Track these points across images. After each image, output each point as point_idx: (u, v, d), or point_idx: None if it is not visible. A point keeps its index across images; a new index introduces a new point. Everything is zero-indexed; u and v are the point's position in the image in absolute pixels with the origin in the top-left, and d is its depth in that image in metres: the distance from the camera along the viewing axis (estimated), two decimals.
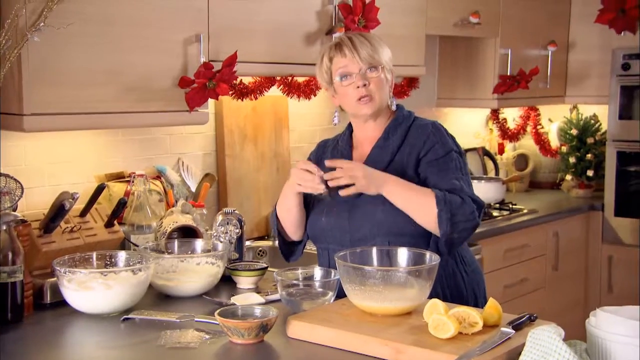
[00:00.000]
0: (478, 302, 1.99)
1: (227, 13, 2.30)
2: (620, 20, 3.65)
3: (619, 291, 3.72)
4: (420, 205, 1.84)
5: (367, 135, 2.03)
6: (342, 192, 1.85)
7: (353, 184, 1.84)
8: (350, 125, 2.10)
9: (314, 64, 2.60)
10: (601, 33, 3.83)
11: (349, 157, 2.03)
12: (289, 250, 2.13)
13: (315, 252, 2.16)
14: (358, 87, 1.94)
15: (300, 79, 2.78)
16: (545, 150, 4.12)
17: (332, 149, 2.09)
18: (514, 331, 1.50)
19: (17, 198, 1.75)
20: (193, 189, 2.58)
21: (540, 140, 4.11)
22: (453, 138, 2.00)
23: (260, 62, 2.44)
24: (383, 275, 1.68)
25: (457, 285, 1.96)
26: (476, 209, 1.87)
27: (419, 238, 1.89)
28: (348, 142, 2.07)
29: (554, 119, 4.23)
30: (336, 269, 1.77)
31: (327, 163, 1.88)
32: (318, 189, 1.85)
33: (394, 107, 2.03)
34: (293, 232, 2.06)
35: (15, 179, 1.74)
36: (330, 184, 1.84)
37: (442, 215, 1.81)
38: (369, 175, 1.83)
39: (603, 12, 3.70)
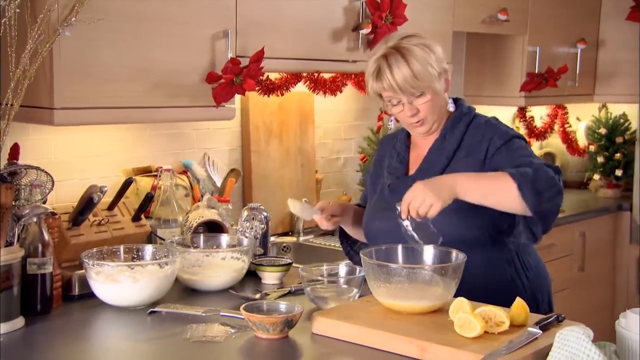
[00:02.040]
0: (540, 308, 1.89)
1: (254, 9, 2.30)
2: None
3: None
4: (498, 190, 1.70)
5: (424, 136, 1.94)
6: (430, 216, 1.68)
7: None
8: None
9: (340, 61, 2.62)
10: (632, 31, 3.78)
11: (406, 159, 1.97)
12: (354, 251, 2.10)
13: (341, 249, 2.16)
14: (407, 115, 1.86)
15: (327, 75, 2.78)
16: (572, 149, 4.08)
17: (392, 149, 2.02)
18: (541, 331, 1.49)
19: (47, 191, 1.77)
20: (218, 184, 2.60)
21: (568, 139, 4.06)
22: (510, 128, 1.90)
23: (286, 58, 2.44)
24: (408, 273, 1.67)
25: (516, 292, 1.80)
26: (554, 172, 1.73)
27: (473, 246, 1.78)
28: (405, 142, 1.99)
29: (582, 118, 4.18)
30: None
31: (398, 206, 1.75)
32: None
33: (451, 108, 1.92)
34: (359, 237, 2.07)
35: (46, 172, 1.76)
36: (413, 215, 1.70)
37: (523, 190, 1.66)
38: (432, 188, 1.68)
39: (634, 10, 3.65)
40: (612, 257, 3.79)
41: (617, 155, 3.90)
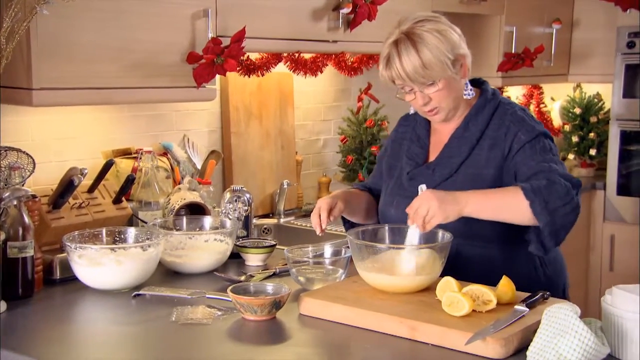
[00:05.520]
0: (559, 290, 1.87)
1: None
2: None
3: (621, 270, 3.74)
4: (510, 207, 1.66)
5: (442, 121, 1.87)
6: (425, 230, 1.65)
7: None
8: None
9: (320, 41, 2.60)
10: (606, 11, 3.81)
11: (426, 143, 1.90)
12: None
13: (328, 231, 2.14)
14: (420, 104, 1.80)
15: (307, 56, 2.76)
16: (547, 128, 4.11)
17: (411, 131, 1.95)
18: (527, 309, 1.51)
19: (28, 173, 1.73)
20: (199, 166, 2.57)
21: (543, 118, 4.09)
22: (538, 122, 1.83)
23: (267, 38, 2.41)
24: (396, 253, 1.67)
25: (533, 288, 1.67)
26: (571, 187, 1.67)
27: (493, 241, 1.76)
28: (425, 126, 1.92)
29: (557, 98, 4.22)
30: None
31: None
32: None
33: (469, 96, 1.83)
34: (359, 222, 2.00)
35: (27, 154, 1.73)
36: (424, 230, 1.66)
37: (535, 207, 1.62)
38: (439, 201, 1.62)
39: None
40: (586, 235, 3.85)
41: (591, 134, 3.95)
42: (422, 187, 1.68)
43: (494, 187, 1.76)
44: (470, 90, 1.84)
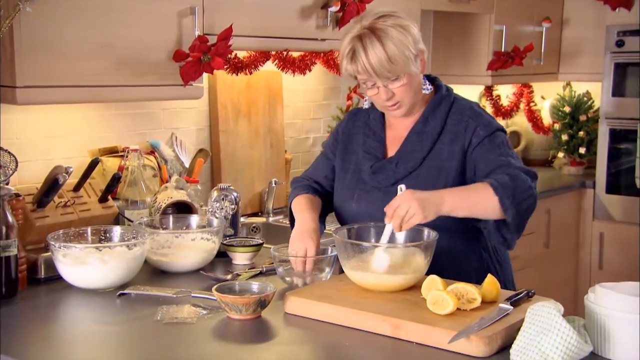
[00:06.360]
0: (509, 276, 1.94)
1: None
2: None
3: (610, 268, 3.75)
4: (483, 204, 1.69)
5: (402, 116, 1.88)
6: (401, 230, 1.64)
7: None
8: None
9: (309, 39, 2.59)
10: (595, 9, 3.82)
11: (382, 137, 1.91)
12: None
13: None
14: (383, 99, 1.81)
15: (295, 54, 2.75)
16: (537, 127, 4.12)
17: (364, 126, 1.95)
18: (512, 307, 1.51)
19: (11, 172, 1.72)
20: (187, 165, 2.56)
21: (533, 117, 4.10)
22: (493, 118, 1.87)
23: (254, 36, 2.41)
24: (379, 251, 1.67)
25: (494, 272, 1.81)
26: (531, 180, 1.74)
27: (457, 234, 1.79)
28: (380, 121, 1.93)
29: (547, 96, 4.23)
30: None
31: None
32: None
33: (427, 91, 1.87)
34: None
35: (9, 152, 1.72)
36: (400, 232, 1.66)
37: (504, 202, 1.67)
38: (420, 201, 1.63)
39: None
40: (575, 233, 3.86)
41: (581, 133, 3.96)
42: (402, 187, 1.68)
43: (458, 180, 1.80)
44: (429, 85, 1.88)
